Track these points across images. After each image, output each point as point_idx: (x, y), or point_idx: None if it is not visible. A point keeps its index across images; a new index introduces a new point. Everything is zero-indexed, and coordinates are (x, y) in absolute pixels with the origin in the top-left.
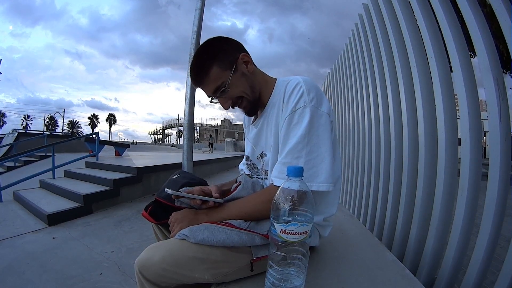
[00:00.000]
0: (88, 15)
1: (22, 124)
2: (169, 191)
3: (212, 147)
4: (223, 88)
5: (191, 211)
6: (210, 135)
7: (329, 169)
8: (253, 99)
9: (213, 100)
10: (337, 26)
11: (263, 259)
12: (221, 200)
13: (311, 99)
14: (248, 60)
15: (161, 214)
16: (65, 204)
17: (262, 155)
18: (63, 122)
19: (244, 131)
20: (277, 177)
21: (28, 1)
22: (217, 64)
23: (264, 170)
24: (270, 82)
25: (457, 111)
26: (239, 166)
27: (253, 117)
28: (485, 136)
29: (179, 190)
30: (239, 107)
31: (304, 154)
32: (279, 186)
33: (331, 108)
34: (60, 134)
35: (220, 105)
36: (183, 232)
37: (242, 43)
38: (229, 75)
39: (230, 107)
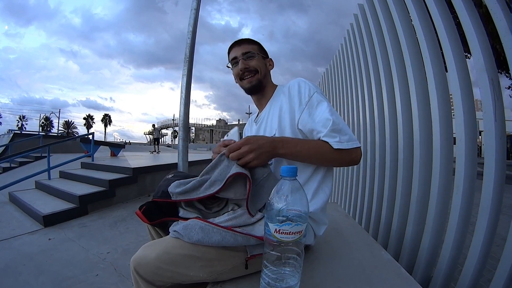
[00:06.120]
0: (81, 14)
1: (17, 125)
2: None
3: (157, 145)
4: (252, 54)
5: (265, 138)
6: (153, 125)
7: (351, 132)
8: (261, 80)
9: (228, 65)
10: (336, 25)
11: (257, 257)
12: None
13: (316, 89)
14: (272, 65)
15: (155, 214)
16: (60, 205)
17: None
18: (58, 122)
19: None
20: (338, 142)
21: (22, 0)
22: (258, 47)
23: None
24: (273, 86)
25: (452, 111)
26: None
27: (254, 118)
28: (480, 135)
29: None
30: (249, 78)
31: (336, 118)
32: (339, 149)
33: None
34: (56, 134)
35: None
36: (177, 230)
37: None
38: (260, 54)
39: (241, 73)
